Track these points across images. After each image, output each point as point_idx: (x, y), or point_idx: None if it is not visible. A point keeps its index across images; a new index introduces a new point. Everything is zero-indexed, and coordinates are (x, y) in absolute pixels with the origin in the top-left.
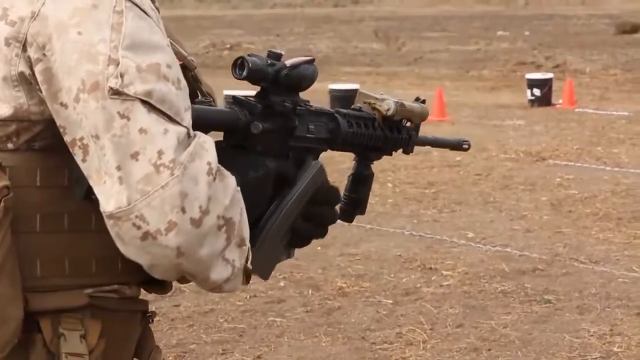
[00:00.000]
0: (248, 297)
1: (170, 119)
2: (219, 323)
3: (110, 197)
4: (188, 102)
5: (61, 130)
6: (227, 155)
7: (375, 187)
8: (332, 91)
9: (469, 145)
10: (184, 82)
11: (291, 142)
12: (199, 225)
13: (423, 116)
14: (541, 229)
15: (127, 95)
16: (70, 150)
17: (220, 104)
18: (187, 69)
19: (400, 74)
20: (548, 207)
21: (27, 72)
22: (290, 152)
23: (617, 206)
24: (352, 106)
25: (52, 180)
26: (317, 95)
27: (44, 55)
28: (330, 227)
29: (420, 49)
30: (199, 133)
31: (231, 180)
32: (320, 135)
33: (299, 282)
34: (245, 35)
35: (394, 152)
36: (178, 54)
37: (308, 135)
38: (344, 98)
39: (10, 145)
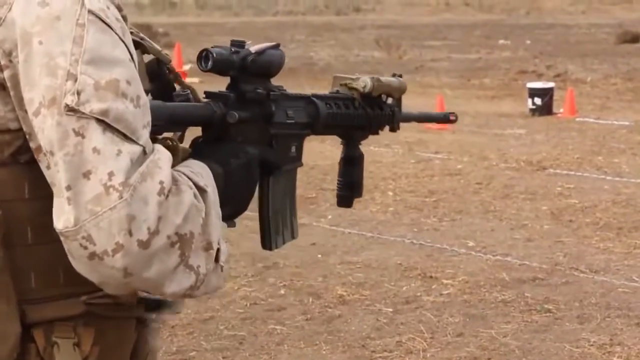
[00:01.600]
0: (248, 304)
1: (126, 138)
2: (219, 330)
3: (60, 214)
4: (147, 119)
5: (27, 136)
6: (207, 148)
7: (375, 195)
8: None
9: (456, 117)
10: (144, 99)
11: (272, 130)
12: (146, 246)
13: (401, 90)
14: (541, 238)
15: (83, 113)
16: (36, 156)
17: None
18: (162, 63)
19: None
20: (548, 217)
21: (1, 78)
22: (274, 141)
23: (617, 216)
24: (329, 90)
25: (41, 191)
26: None
27: (10, 61)
28: (330, 235)
29: (422, 58)
30: (157, 148)
31: (186, 195)
32: (301, 119)
33: (299, 290)
34: None
35: (380, 131)
36: (152, 49)
37: (288, 121)
38: None
39: None
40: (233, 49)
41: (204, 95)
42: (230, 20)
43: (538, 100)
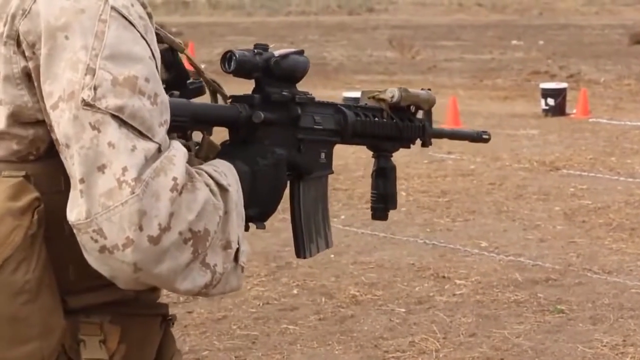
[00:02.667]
0: (261, 304)
1: (141, 135)
2: (232, 330)
3: (74, 206)
4: (165, 117)
5: (49, 128)
6: (234, 149)
7: None
8: (346, 99)
9: (489, 136)
10: (162, 97)
11: (299, 134)
12: (157, 242)
13: (430, 102)
14: (554, 239)
15: (99, 108)
16: (57, 147)
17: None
18: (174, 51)
19: (415, 83)
20: (561, 217)
21: (27, 68)
22: (301, 145)
23: (630, 216)
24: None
25: None
26: None
27: (34, 53)
28: (343, 235)
29: (435, 58)
30: (174, 145)
31: (202, 193)
32: (329, 126)
33: (312, 289)
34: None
35: (412, 145)
36: (166, 38)
37: (315, 126)
38: None
39: (31, 157)
40: (256, 51)
41: (230, 100)
42: (243, 20)
43: (551, 101)
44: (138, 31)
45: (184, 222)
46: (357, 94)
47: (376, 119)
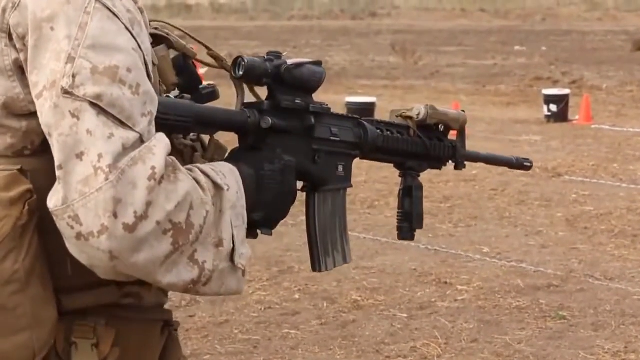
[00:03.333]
0: (263, 308)
1: (121, 123)
2: (234, 334)
3: (53, 194)
4: (149, 108)
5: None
6: (242, 154)
7: (390, 200)
8: (348, 104)
9: (532, 164)
10: (145, 88)
11: (314, 145)
12: (132, 230)
13: (460, 121)
14: (556, 245)
15: (77, 96)
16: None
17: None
18: (187, 57)
19: (417, 88)
20: (564, 223)
21: (19, 60)
22: (317, 156)
23: (632, 223)
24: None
25: None
26: (334, 108)
27: (24, 45)
28: None
29: (437, 63)
30: (156, 136)
31: (184, 184)
32: (347, 139)
33: (314, 294)
34: (262, 47)
35: (443, 166)
36: (177, 44)
37: (332, 138)
38: (361, 111)
39: (27, 152)
40: (267, 58)
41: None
42: (246, 24)
43: (553, 107)
44: (123, 23)
45: (162, 211)
46: (359, 99)
47: (402, 135)
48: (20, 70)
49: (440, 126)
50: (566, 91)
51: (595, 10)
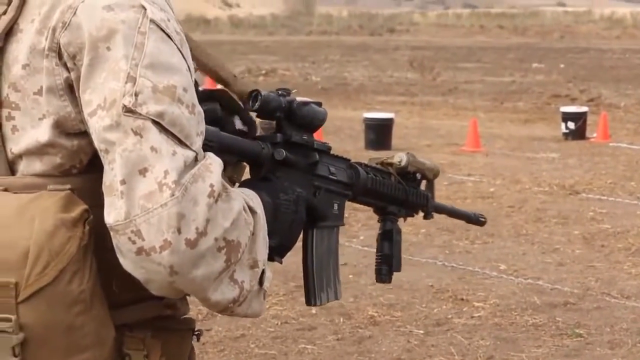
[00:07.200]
0: (279, 323)
1: (180, 142)
2: (250, 348)
3: (111, 209)
4: (202, 128)
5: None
6: (256, 184)
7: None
8: (366, 120)
9: (485, 220)
10: (199, 108)
11: (315, 181)
12: (194, 246)
13: (434, 171)
14: (573, 263)
15: (140, 114)
16: (99, 153)
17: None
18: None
19: (435, 104)
20: (580, 241)
21: (69, 79)
22: (317, 192)
23: None
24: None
25: None
26: (352, 124)
27: (75, 64)
28: (361, 256)
29: (455, 80)
30: (209, 155)
31: (236, 203)
32: (342, 179)
33: (330, 309)
34: (280, 62)
35: (414, 214)
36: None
37: (330, 176)
38: (378, 127)
39: (74, 171)
40: (280, 92)
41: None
42: (265, 39)
43: (571, 125)
44: (175, 44)
45: (220, 228)
46: (377, 115)
47: (385, 179)
48: (70, 89)
49: (417, 175)
50: (584, 109)
51: (614, 28)
